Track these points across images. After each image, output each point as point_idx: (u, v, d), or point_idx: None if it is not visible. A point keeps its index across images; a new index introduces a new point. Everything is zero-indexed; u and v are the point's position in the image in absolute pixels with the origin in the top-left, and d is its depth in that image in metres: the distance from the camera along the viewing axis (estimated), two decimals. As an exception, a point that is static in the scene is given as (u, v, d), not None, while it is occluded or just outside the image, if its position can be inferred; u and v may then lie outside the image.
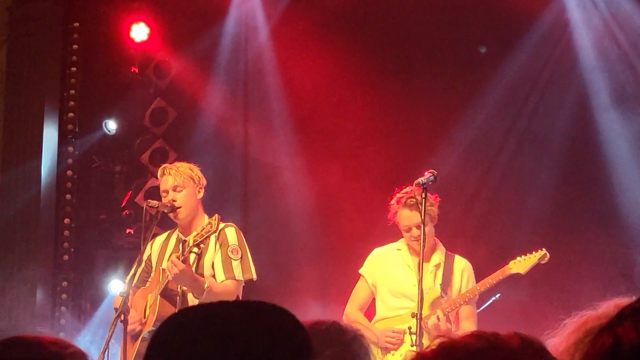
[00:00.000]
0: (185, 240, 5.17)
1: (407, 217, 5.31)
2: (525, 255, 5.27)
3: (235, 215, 7.40)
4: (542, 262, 5.25)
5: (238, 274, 5.15)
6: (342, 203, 7.54)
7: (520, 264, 5.25)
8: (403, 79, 7.59)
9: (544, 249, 5.28)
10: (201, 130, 7.93)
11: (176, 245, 5.34)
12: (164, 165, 5.45)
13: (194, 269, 5.09)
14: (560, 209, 7.13)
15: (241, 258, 5.17)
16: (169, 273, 4.94)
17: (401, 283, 5.43)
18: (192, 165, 5.39)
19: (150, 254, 5.42)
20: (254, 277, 5.23)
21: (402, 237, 5.50)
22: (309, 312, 7.10)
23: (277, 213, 7.86)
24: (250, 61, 8.05)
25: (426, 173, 4.96)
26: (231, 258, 5.14)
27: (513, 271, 5.24)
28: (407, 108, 7.43)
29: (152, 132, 7.91)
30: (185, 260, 4.94)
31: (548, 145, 7.29)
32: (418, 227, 5.24)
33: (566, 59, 7.29)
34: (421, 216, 4.96)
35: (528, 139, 7.39)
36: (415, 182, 4.93)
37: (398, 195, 5.37)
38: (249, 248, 5.30)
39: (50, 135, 7.67)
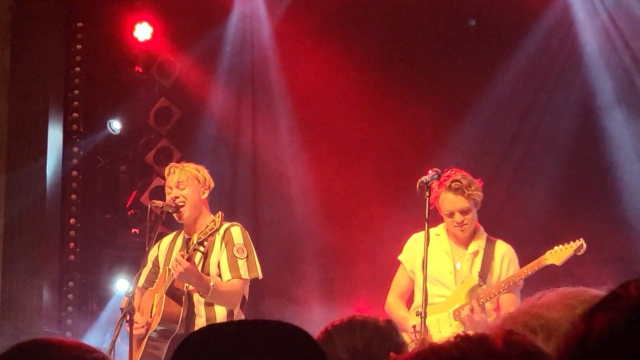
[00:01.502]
0: (190, 239, 5.18)
1: (450, 201, 5.13)
2: (563, 245, 5.10)
3: (240, 215, 7.40)
4: (578, 253, 5.05)
5: (244, 272, 5.16)
6: (347, 203, 7.53)
7: (556, 255, 5.06)
8: (408, 77, 7.58)
9: (581, 239, 5.09)
10: (205, 129, 7.93)
11: (183, 246, 5.35)
12: (170, 164, 5.48)
13: (200, 268, 5.10)
14: (564, 207, 7.12)
15: (247, 257, 5.18)
16: (174, 272, 4.94)
17: (437, 270, 5.21)
18: (199, 167, 5.40)
19: (158, 255, 5.44)
20: (260, 275, 5.23)
21: (442, 222, 5.33)
22: (314, 313, 7.11)
23: (281, 212, 7.86)
24: (254, 60, 8.04)
25: (430, 171, 4.91)
26: (237, 257, 5.15)
27: (549, 262, 5.04)
28: (412, 107, 7.41)
29: (156, 131, 7.92)
30: (190, 259, 4.95)
31: (552, 143, 7.27)
32: (462, 212, 5.14)
33: (570, 57, 7.27)
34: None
35: (532, 138, 7.37)
36: (419, 180, 4.86)
37: (441, 178, 5.13)
38: (254, 247, 5.31)
39: (55, 136, 7.68)
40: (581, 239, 5.11)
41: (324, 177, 7.64)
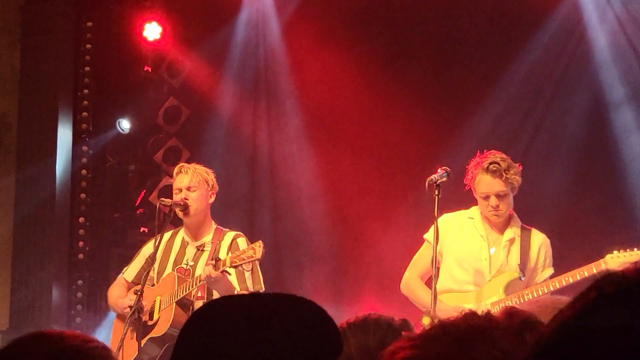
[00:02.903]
0: (219, 259, 5.08)
1: (487, 183, 4.88)
2: (625, 251, 4.84)
3: (247, 214, 7.42)
4: None
5: (250, 284, 5.17)
6: (355, 203, 7.53)
7: (617, 260, 4.76)
8: (416, 76, 7.57)
9: None
10: (214, 129, 7.94)
11: (181, 247, 5.34)
12: (181, 164, 5.45)
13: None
14: (573, 207, 7.10)
15: (252, 270, 5.18)
16: (205, 281, 4.93)
17: (471, 254, 5.01)
18: (208, 170, 5.39)
19: (153, 253, 5.43)
20: (262, 289, 5.23)
21: (475, 205, 5.09)
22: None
23: (288, 212, 7.87)
24: (263, 59, 8.05)
25: (439, 170, 4.79)
26: (243, 269, 5.14)
27: (609, 266, 4.73)
28: (421, 107, 7.41)
29: (165, 130, 7.94)
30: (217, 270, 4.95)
31: (561, 142, 7.25)
32: (498, 196, 4.88)
33: (579, 55, 7.25)
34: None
35: (541, 136, 7.36)
36: (429, 179, 4.74)
37: (478, 158, 4.95)
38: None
39: (64, 135, 7.70)
40: None
41: (332, 176, 7.64)
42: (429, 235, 5.07)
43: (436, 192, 4.73)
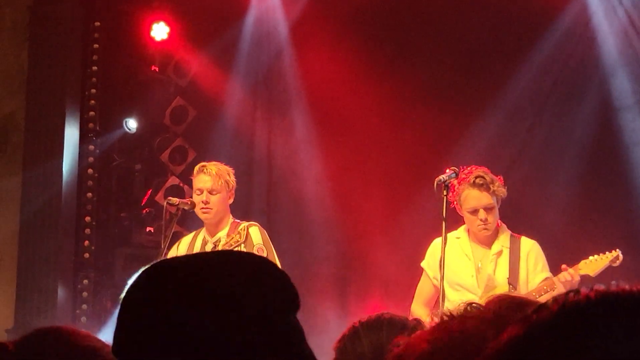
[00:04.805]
0: (215, 244, 5.14)
1: (475, 197, 4.89)
2: (598, 255, 4.93)
3: (254, 214, 7.40)
4: (614, 264, 4.88)
5: None
6: (361, 203, 7.53)
7: (591, 265, 4.87)
8: (423, 76, 7.57)
9: (618, 249, 4.95)
10: (221, 129, 7.94)
11: (202, 247, 5.37)
12: (203, 164, 5.46)
13: None
14: (581, 209, 7.09)
15: (266, 256, 5.18)
16: None
17: (458, 274, 5.03)
18: (229, 169, 5.43)
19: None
20: None
21: (463, 224, 5.12)
22: (327, 313, 7.10)
23: (296, 212, 7.86)
24: (270, 59, 8.05)
25: (447, 170, 4.86)
26: None
27: (582, 272, 4.84)
28: (428, 108, 7.40)
29: (172, 130, 7.95)
30: None
31: (569, 144, 7.24)
32: (486, 209, 4.90)
33: (588, 57, 7.25)
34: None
35: (549, 138, 7.35)
36: (437, 179, 4.80)
37: (462, 174, 4.95)
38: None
39: (71, 134, 7.70)
40: (617, 250, 4.96)
41: (338, 177, 7.63)
42: (424, 263, 5.19)
43: (444, 192, 4.80)
